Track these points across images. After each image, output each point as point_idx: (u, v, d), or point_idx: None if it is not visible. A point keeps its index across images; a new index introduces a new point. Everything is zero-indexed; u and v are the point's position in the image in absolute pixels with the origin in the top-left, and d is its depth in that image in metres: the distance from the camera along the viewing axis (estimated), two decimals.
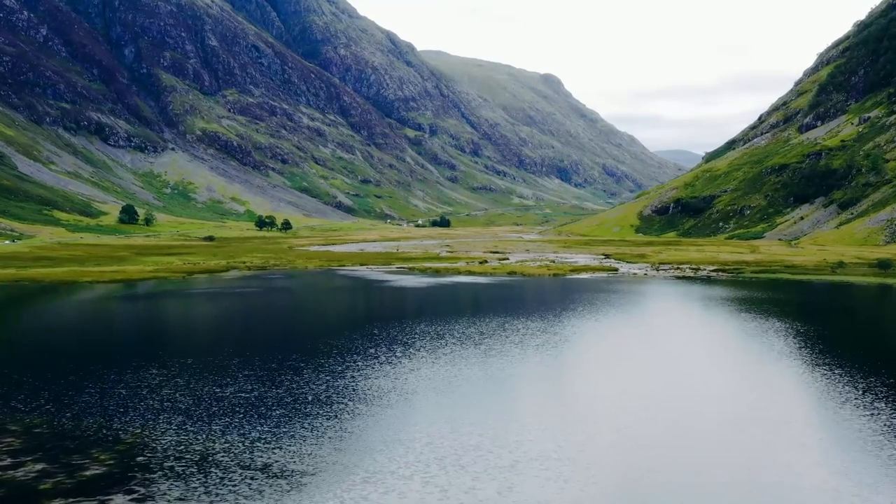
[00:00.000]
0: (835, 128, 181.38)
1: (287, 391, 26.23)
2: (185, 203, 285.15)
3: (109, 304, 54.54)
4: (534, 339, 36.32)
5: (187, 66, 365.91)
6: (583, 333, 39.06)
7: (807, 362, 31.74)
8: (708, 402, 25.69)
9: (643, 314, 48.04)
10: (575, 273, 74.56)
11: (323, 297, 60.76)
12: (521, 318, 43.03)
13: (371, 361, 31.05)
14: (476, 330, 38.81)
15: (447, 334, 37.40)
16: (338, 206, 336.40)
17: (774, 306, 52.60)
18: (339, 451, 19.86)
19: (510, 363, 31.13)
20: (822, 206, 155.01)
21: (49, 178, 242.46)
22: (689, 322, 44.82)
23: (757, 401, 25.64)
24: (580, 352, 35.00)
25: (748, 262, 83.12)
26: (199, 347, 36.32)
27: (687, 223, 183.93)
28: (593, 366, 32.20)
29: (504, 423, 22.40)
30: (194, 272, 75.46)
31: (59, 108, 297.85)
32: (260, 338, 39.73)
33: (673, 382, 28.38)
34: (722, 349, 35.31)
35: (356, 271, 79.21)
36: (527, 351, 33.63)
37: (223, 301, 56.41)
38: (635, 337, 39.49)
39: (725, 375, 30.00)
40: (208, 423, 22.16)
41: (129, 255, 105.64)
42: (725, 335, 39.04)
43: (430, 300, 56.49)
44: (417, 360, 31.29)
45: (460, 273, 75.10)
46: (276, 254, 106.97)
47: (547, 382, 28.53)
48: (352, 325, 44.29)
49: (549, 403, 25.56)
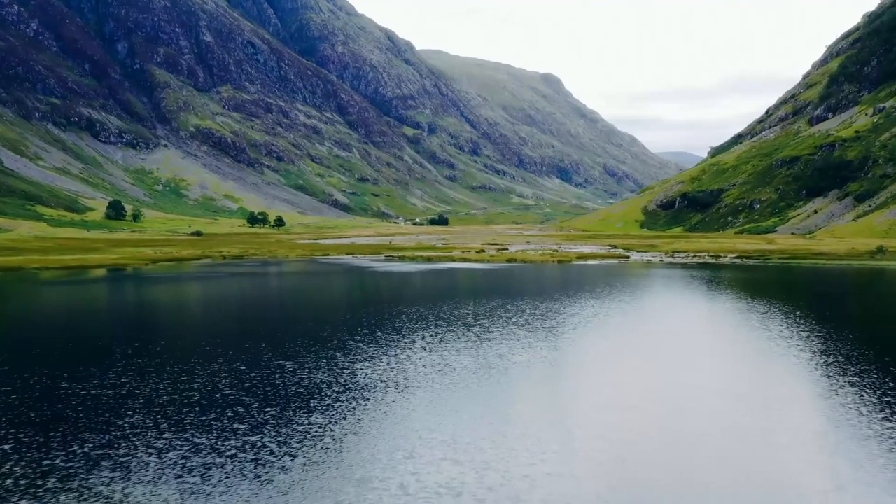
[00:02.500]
0: (848, 119, 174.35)
1: (211, 384, 19.25)
2: (176, 200, 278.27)
3: (38, 289, 47.32)
4: (540, 324, 29.32)
5: (181, 62, 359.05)
6: (604, 320, 31.93)
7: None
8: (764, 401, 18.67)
9: (674, 300, 40.76)
10: (581, 260, 66.97)
11: (295, 281, 53.41)
12: (520, 303, 35.93)
13: (331, 350, 24.03)
14: (465, 313, 31.81)
15: (431, 317, 30.45)
16: (334, 204, 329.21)
17: (830, 289, 45.55)
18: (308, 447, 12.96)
19: (511, 356, 24.04)
20: (836, 199, 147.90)
21: (36, 173, 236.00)
22: (732, 309, 37.53)
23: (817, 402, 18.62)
24: (602, 344, 27.89)
25: (771, 251, 75.85)
26: (121, 335, 29.20)
27: (694, 218, 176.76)
28: (624, 358, 25.10)
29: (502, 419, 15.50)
30: (161, 260, 68.45)
31: (48, 103, 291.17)
32: (205, 322, 32.75)
33: (723, 378, 21.40)
34: (782, 340, 28.15)
35: (340, 259, 72.01)
36: (532, 340, 26.58)
37: (177, 285, 49.28)
38: (672, 325, 32.40)
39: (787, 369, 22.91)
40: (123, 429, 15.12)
41: (104, 246, 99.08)
42: (781, 324, 31.88)
43: (416, 285, 49.29)
44: (392, 350, 24.25)
45: (454, 261, 67.80)
46: (259, 245, 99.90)
47: (557, 376, 21.45)
48: (319, 309, 37.21)
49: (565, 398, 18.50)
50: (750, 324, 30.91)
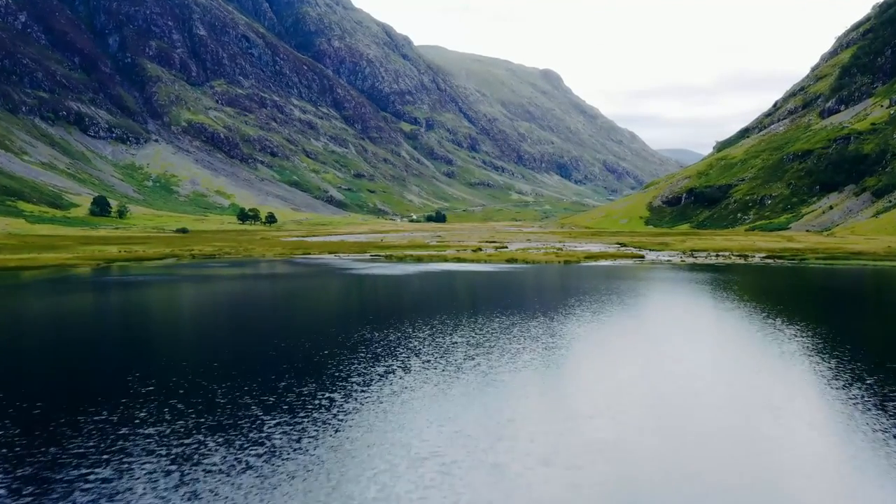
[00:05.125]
0: (862, 111, 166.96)
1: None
2: (166, 196, 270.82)
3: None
4: (542, 342, 22.04)
5: (174, 56, 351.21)
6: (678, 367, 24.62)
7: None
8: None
9: (759, 323, 32.30)
10: (591, 260, 59.36)
11: (247, 288, 45.32)
12: (529, 321, 28.57)
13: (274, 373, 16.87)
14: (456, 328, 24.55)
15: (410, 332, 23.24)
16: (329, 200, 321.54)
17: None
18: None
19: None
20: (852, 195, 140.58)
21: (20, 168, 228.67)
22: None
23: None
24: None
25: (800, 250, 68.45)
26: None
27: (701, 214, 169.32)
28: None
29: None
30: (117, 260, 61.15)
31: (36, 97, 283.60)
32: (116, 338, 25.51)
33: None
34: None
35: (321, 259, 64.57)
36: (535, 355, 19.30)
37: (100, 292, 41.81)
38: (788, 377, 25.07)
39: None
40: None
41: (72, 244, 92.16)
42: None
43: (396, 291, 41.82)
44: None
45: (447, 261, 60.31)
46: (238, 243, 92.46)
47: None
48: (248, 332, 29.89)
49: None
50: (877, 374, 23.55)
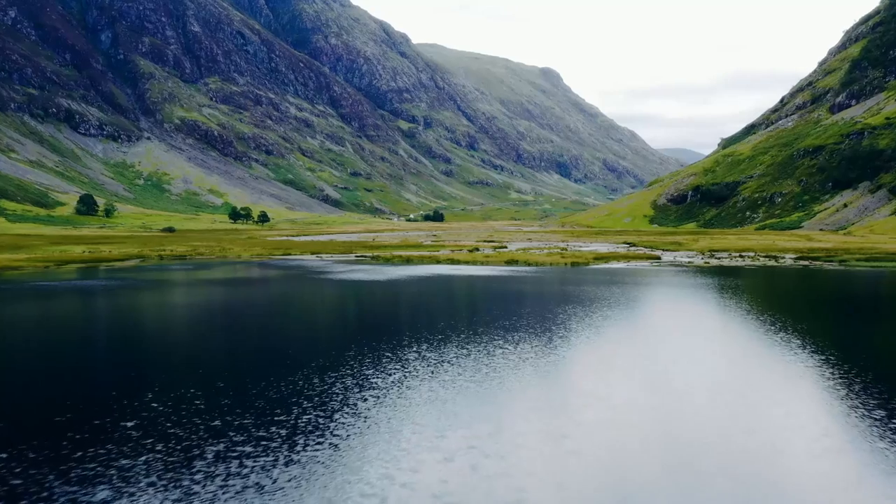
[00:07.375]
0: (874, 105, 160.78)
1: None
2: (157, 195, 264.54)
3: None
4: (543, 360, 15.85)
5: (167, 53, 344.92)
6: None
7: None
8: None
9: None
10: (601, 262, 52.95)
11: (201, 296, 38.77)
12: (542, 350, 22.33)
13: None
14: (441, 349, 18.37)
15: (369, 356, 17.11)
16: (324, 199, 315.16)
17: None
18: None
19: None
20: (868, 192, 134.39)
21: (6, 166, 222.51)
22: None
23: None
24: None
25: (830, 250, 62.23)
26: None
27: (708, 213, 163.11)
28: None
29: None
30: (74, 261, 55.00)
31: (25, 93, 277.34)
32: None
33: None
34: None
35: (298, 261, 58.34)
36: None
37: (29, 300, 35.56)
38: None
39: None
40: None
41: (42, 244, 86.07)
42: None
43: (370, 301, 35.47)
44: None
45: (439, 262, 54.07)
46: (218, 242, 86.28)
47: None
48: (199, 336, 23.68)
49: None
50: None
